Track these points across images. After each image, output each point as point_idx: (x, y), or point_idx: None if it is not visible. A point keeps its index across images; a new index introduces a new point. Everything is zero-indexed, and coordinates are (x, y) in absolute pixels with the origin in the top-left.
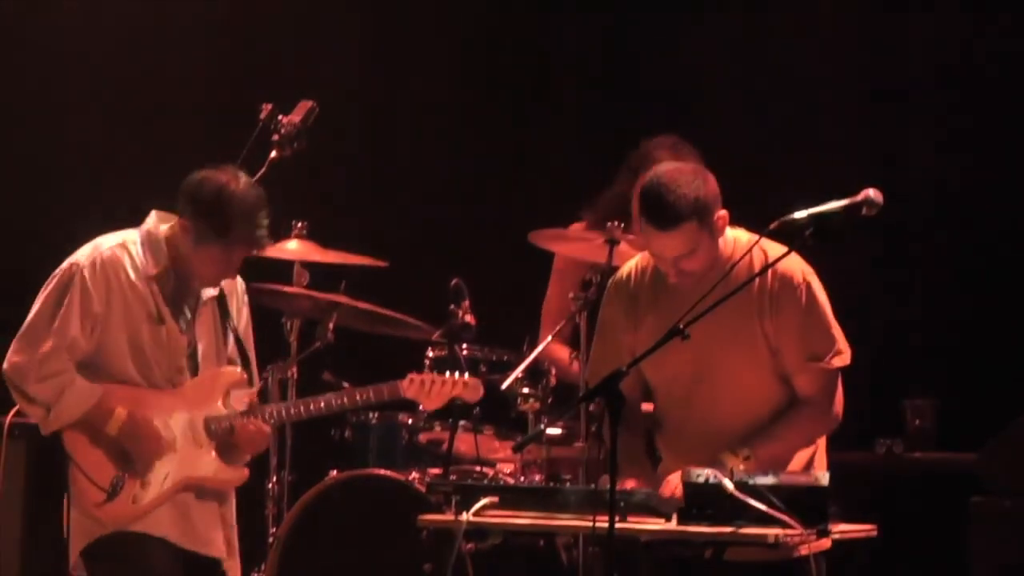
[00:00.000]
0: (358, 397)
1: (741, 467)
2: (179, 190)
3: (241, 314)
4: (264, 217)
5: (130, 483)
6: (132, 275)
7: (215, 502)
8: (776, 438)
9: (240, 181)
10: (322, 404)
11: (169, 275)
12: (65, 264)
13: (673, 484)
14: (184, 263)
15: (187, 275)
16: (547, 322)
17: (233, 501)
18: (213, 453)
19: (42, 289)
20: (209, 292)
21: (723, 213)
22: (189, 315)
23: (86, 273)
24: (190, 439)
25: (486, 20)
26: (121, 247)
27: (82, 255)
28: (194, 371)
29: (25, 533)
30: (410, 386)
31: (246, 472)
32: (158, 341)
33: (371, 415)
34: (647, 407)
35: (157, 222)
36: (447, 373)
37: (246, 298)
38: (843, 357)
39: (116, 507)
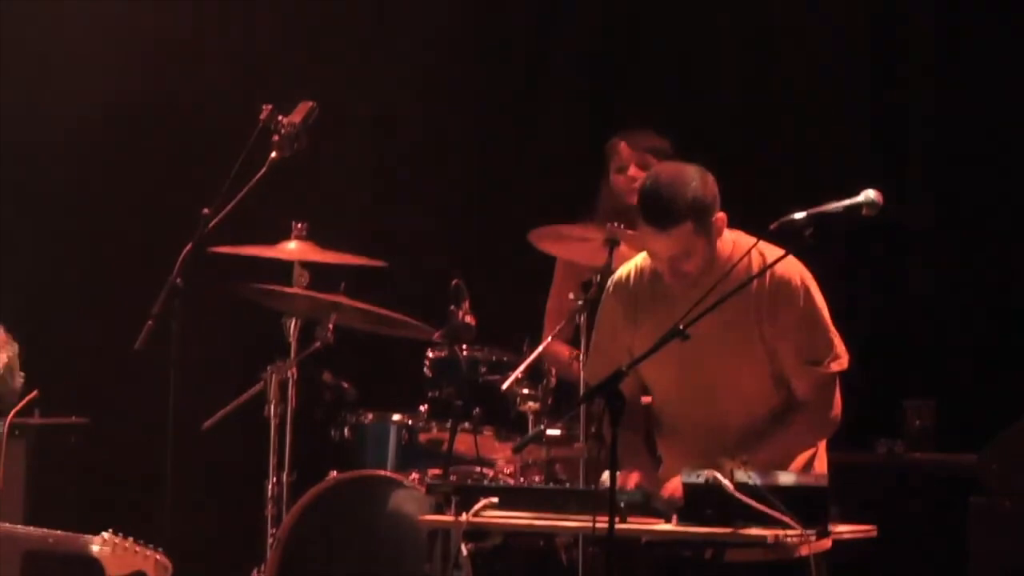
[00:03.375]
0: (48, 540)
1: (748, 468)
2: None
3: None
4: None
5: None
6: None
7: None
8: (774, 442)
9: None
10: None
11: None
12: None
13: (672, 487)
14: None
15: None
16: (550, 323)
17: None
18: None
19: None
20: None
21: (722, 215)
22: None
23: None
24: None
25: (486, 19)
26: None
27: None
28: None
29: None
30: (102, 545)
31: None
32: None
33: (370, 415)
34: (646, 399)
35: None
36: (142, 545)
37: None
38: (841, 362)
39: None
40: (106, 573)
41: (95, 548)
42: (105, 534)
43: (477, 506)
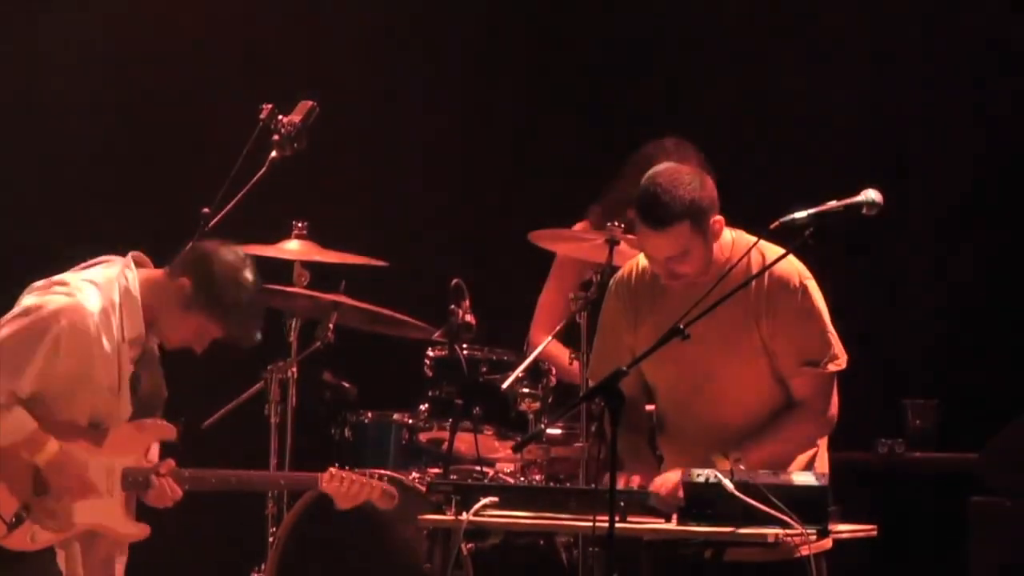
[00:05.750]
0: (279, 481)
1: (740, 467)
2: (190, 249)
3: None
4: (261, 318)
5: (32, 518)
6: (106, 345)
7: (103, 554)
8: (769, 441)
9: (253, 272)
10: (237, 480)
11: (141, 339)
12: (47, 308)
13: (660, 481)
14: (155, 319)
15: (153, 330)
16: (540, 317)
17: (124, 558)
18: (121, 505)
19: (14, 317)
20: (155, 341)
21: (719, 219)
22: (139, 368)
23: (63, 336)
24: (104, 486)
25: (486, 20)
26: (104, 314)
27: (66, 309)
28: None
29: None
30: (330, 481)
31: (148, 529)
32: (109, 410)
33: (370, 415)
34: (649, 408)
35: (134, 278)
36: (367, 476)
37: None
38: (839, 362)
39: (13, 540)
40: (337, 506)
41: (326, 484)
42: (332, 469)
43: (477, 506)
